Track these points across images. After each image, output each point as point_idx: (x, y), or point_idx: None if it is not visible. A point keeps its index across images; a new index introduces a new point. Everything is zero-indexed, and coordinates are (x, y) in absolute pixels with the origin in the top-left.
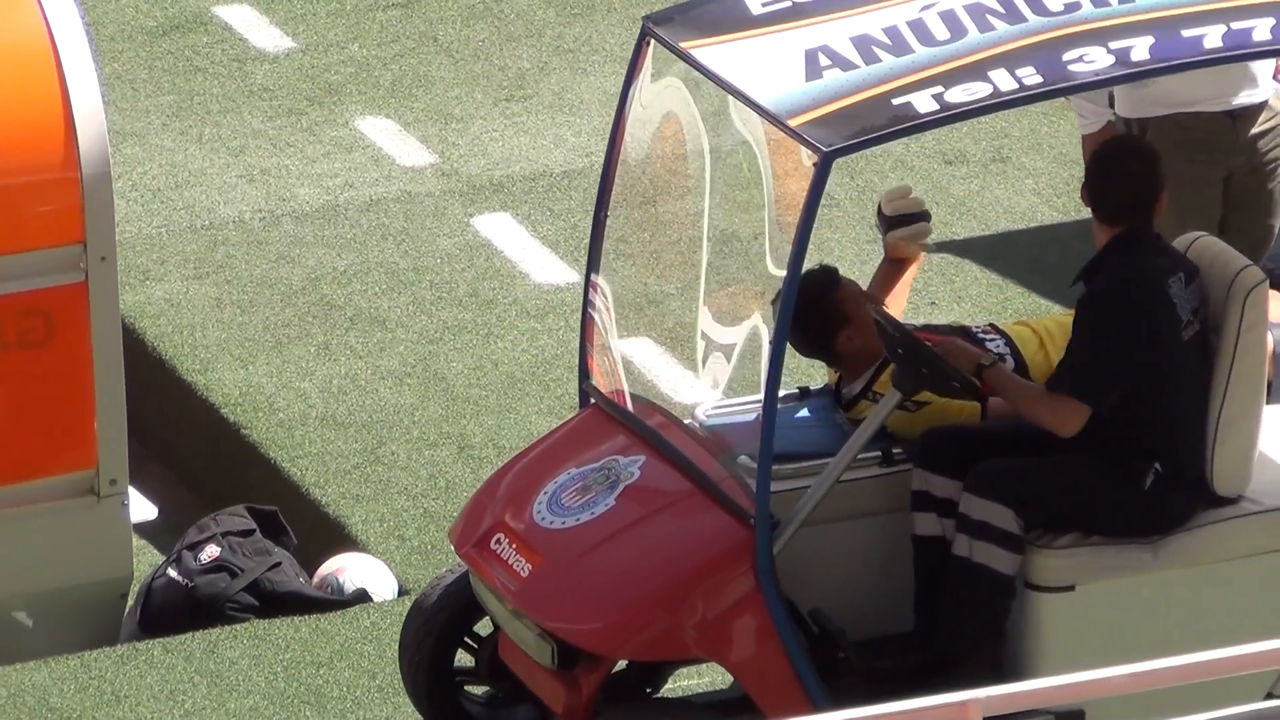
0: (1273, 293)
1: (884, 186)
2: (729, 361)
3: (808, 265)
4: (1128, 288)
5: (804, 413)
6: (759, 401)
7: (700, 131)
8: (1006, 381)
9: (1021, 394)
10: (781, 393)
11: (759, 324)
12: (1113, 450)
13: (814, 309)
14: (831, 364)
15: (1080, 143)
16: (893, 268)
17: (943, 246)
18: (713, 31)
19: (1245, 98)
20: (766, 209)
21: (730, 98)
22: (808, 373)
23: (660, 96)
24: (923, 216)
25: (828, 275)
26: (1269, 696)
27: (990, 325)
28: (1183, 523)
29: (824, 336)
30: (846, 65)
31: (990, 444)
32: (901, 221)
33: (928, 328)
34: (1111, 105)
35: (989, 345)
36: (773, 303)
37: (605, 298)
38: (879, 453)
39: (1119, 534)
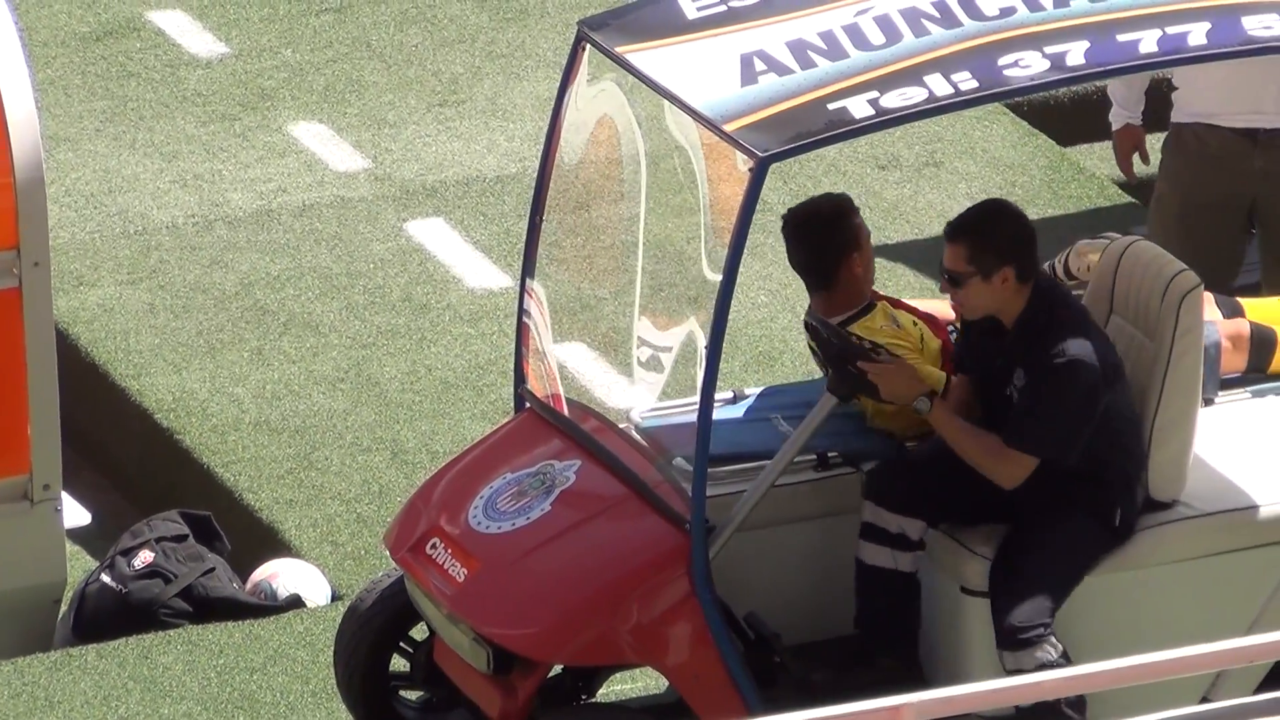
0: (1206, 294)
1: (818, 191)
2: (664, 365)
3: (746, 267)
4: (1086, 354)
5: (739, 415)
6: (694, 405)
7: (635, 136)
8: (946, 423)
9: (967, 439)
10: (717, 396)
11: (694, 328)
12: (1074, 493)
13: (832, 227)
14: (825, 286)
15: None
16: None
17: (877, 250)
18: (648, 36)
19: (1266, 121)
20: (702, 214)
21: (666, 103)
22: (741, 376)
23: (595, 101)
24: None
25: (847, 201)
26: (1203, 701)
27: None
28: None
29: (834, 256)
30: (782, 70)
31: (946, 483)
32: None
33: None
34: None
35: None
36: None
37: (540, 302)
38: (814, 457)
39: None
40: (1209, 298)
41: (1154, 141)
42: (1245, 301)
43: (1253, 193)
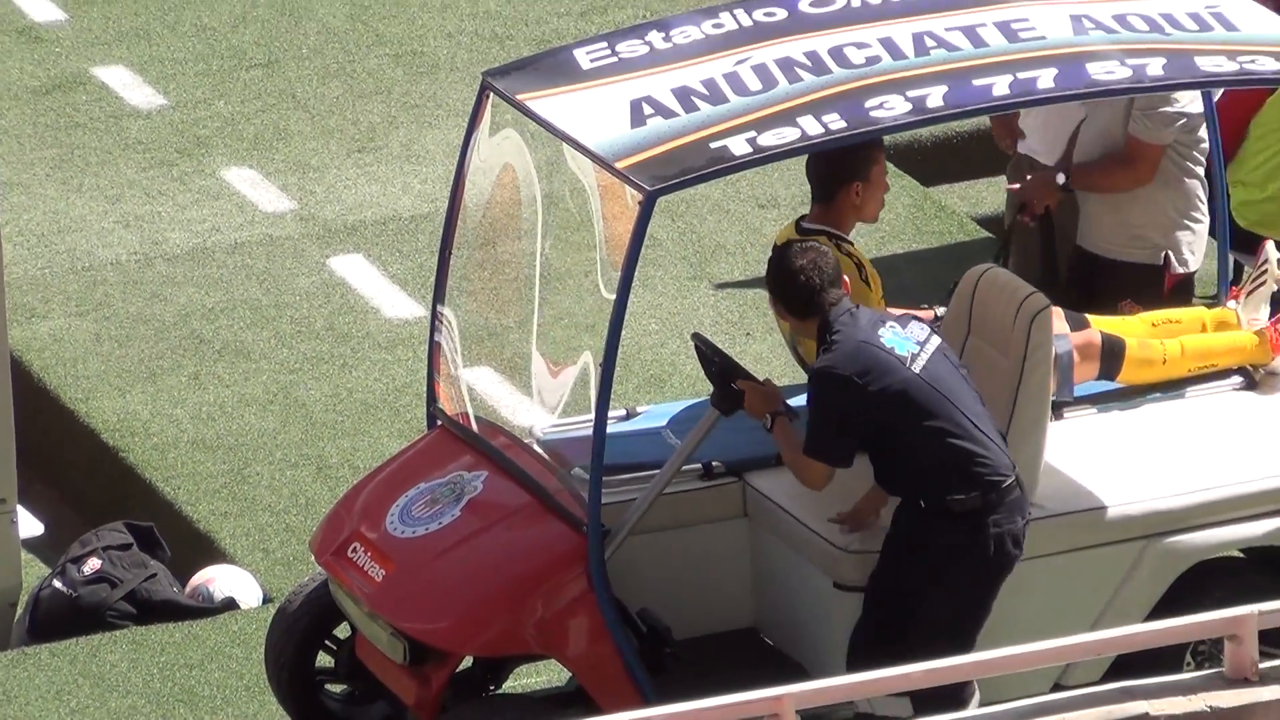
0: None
1: (703, 229)
2: (563, 386)
3: (637, 297)
4: (836, 362)
5: (632, 429)
6: (590, 420)
7: (534, 178)
8: (783, 437)
9: (786, 451)
10: (610, 413)
11: (588, 353)
12: (940, 515)
13: (853, 152)
14: (823, 199)
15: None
16: None
17: (757, 283)
18: (546, 84)
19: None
20: (597, 247)
21: (563, 144)
22: (634, 396)
23: (498, 147)
24: None
25: (877, 142)
26: (1057, 688)
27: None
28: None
29: (840, 177)
30: (668, 114)
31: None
32: None
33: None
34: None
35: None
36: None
37: (450, 330)
38: (700, 467)
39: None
40: (1058, 312)
41: None
42: (1091, 318)
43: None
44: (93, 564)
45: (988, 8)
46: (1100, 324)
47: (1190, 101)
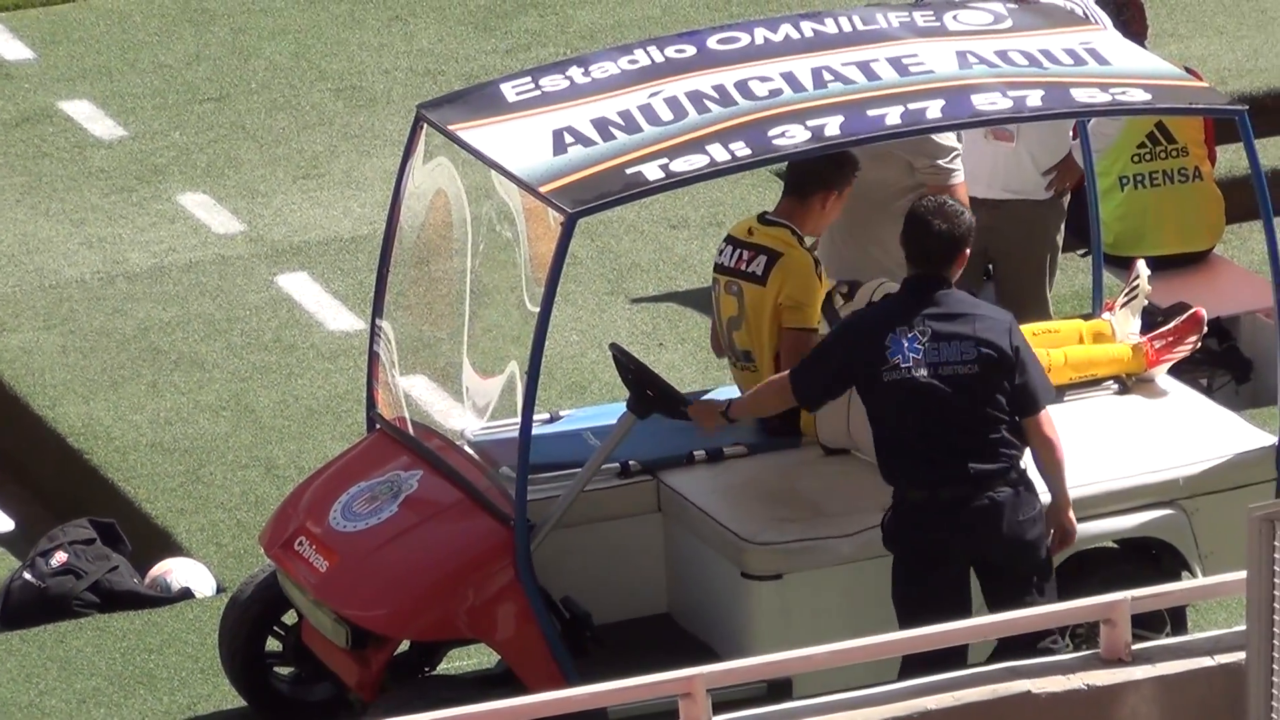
0: None
1: (619, 248)
2: (492, 392)
3: (559, 311)
4: (852, 319)
5: (554, 431)
6: (516, 424)
7: (464, 202)
8: (749, 402)
9: (760, 396)
10: (535, 417)
11: (514, 362)
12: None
13: (837, 163)
14: (796, 194)
15: None
16: None
17: (669, 297)
18: (475, 116)
19: (979, 191)
20: (522, 265)
21: (491, 170)
22: (557, 401)
23: (432, 174)
24: None
25: (855, 161)
26: None
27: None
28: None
29: (824, 180)
30: (587, 142)
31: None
32: None
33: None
34: None
35: None
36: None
37: (388, 341)
38: (618, 466)
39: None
40: None
41: None
42: None
43: (985, 244)
44: (60, 557)
45: (880, 44)
46: None
47: (957, 144)
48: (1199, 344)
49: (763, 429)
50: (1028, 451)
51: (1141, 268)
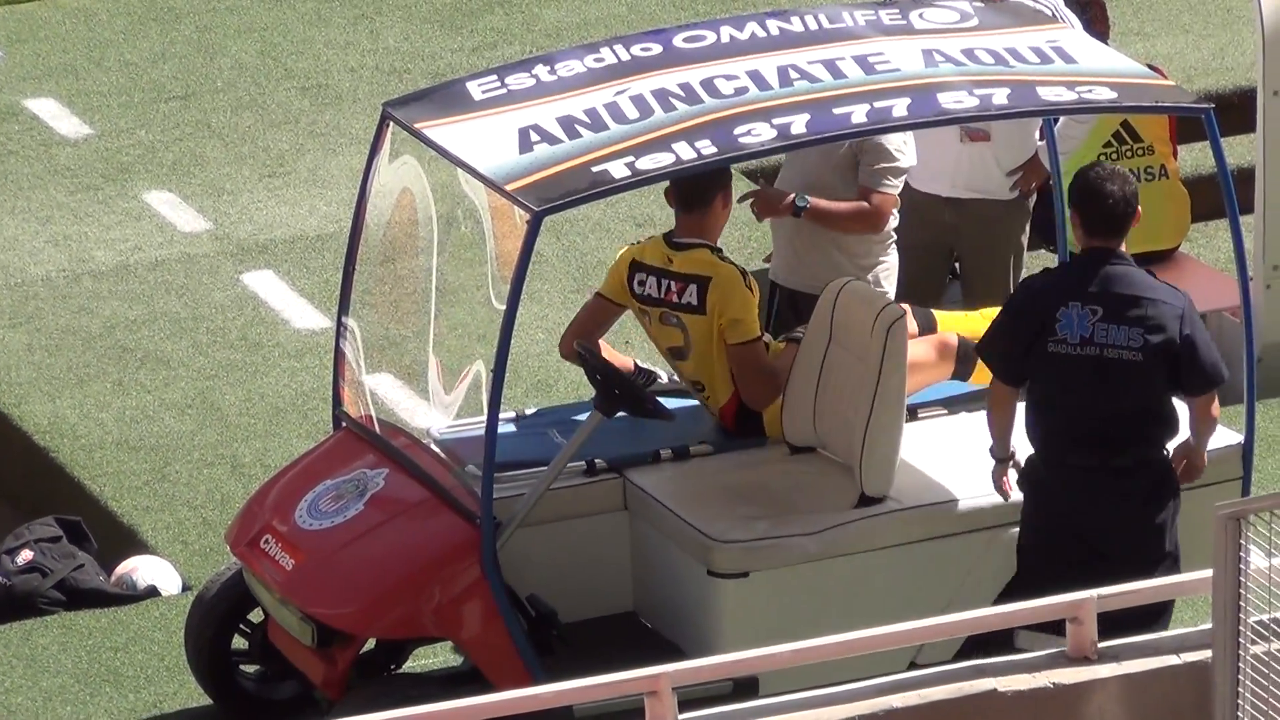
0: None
1: (585, 246)
2: (458, 390)
3: (525, 310)
4: (1031, 283)
5: (521, 430)
6: (483, 422)
7: (430, 200)
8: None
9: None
10: (502, 415)
11: (480, 360)
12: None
13: (716, 171)
14: (698, 210)
15: None
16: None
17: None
18: (442, 114)
19: (944, 190)
20: (488, 263)
21: (457, 169)
22: (523, 400)
23: (398, 171)
24: None
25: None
26: (912, 666)
27: None
28: None
29: (715, 182)
30: (553, 140)
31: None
32: None
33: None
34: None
35: None
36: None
37: (354, 340)
38: (584, 464)
39: None
40: (907, 310)
41: None
42: (939, 314)
43: (950, 243)
44: (25, 555)
45: (846, 43)
46: (945, 320)
47: (909, 155)
48: None
49: (725, 431)
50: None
51: None
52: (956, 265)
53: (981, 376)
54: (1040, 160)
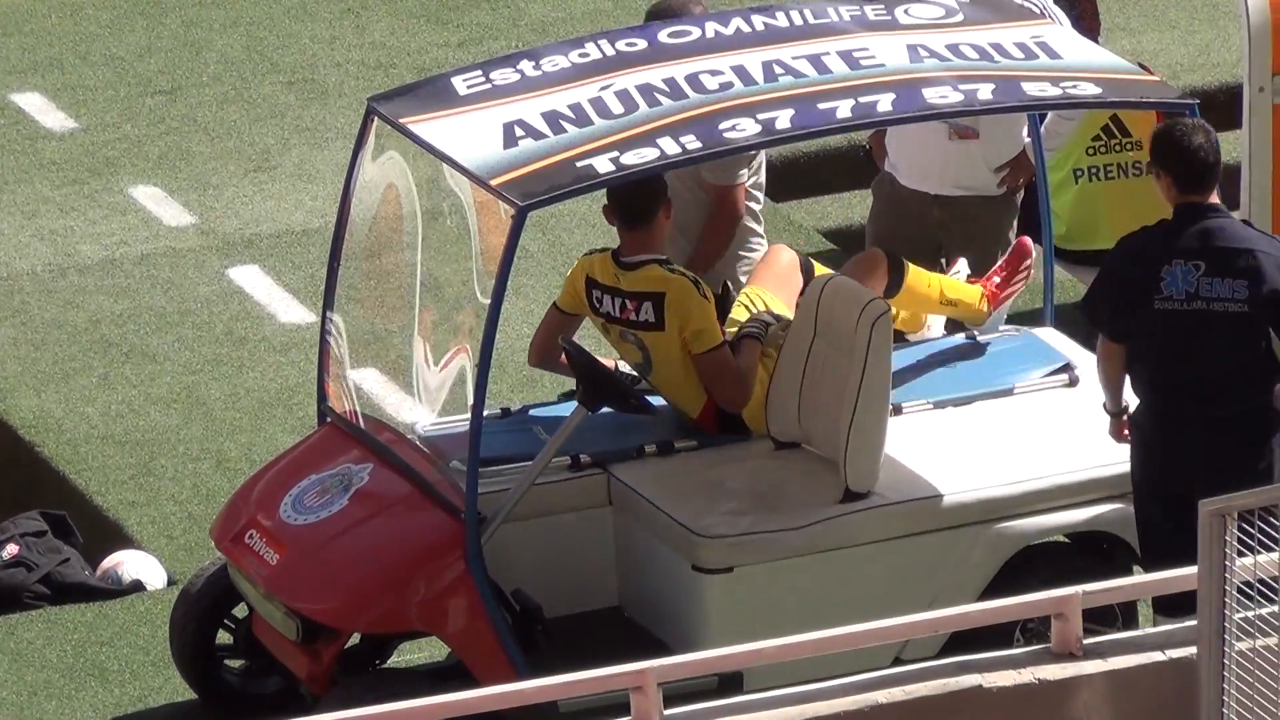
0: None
1: (571, 241)
2: (443, 386)
3: (510, 304)
4: (1128, 243)
5: (507, 424)
6: (467, 418)
7: (415, 195)
8: (1107, 388)
9: (1102, 370)
10: (486, 411)
11: (466, 356)
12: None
13: (653, 181)
14: (643, 224)
15: None
16: None
17: None
18: (426, 109)
19: (931, 187)
20: (473, 258)
21: (442, 164)
22: (508, 395)
23: (383, 167)
24: None
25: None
26: (897, 661)
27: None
28: None
29: (654, 196)
30: (538, 135)
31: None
32: None
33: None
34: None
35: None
36: None
37: (339, 335)
38: (569, 459)
39: None
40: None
41: None
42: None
43: (939, 239)
44: (10, 549)
45: (831, 38)
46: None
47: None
48: (1031, 271)
49: (703, 431)
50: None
51: (962, 265)
52: (944, 260)
53: (906, 298)
54: (1027, 156)
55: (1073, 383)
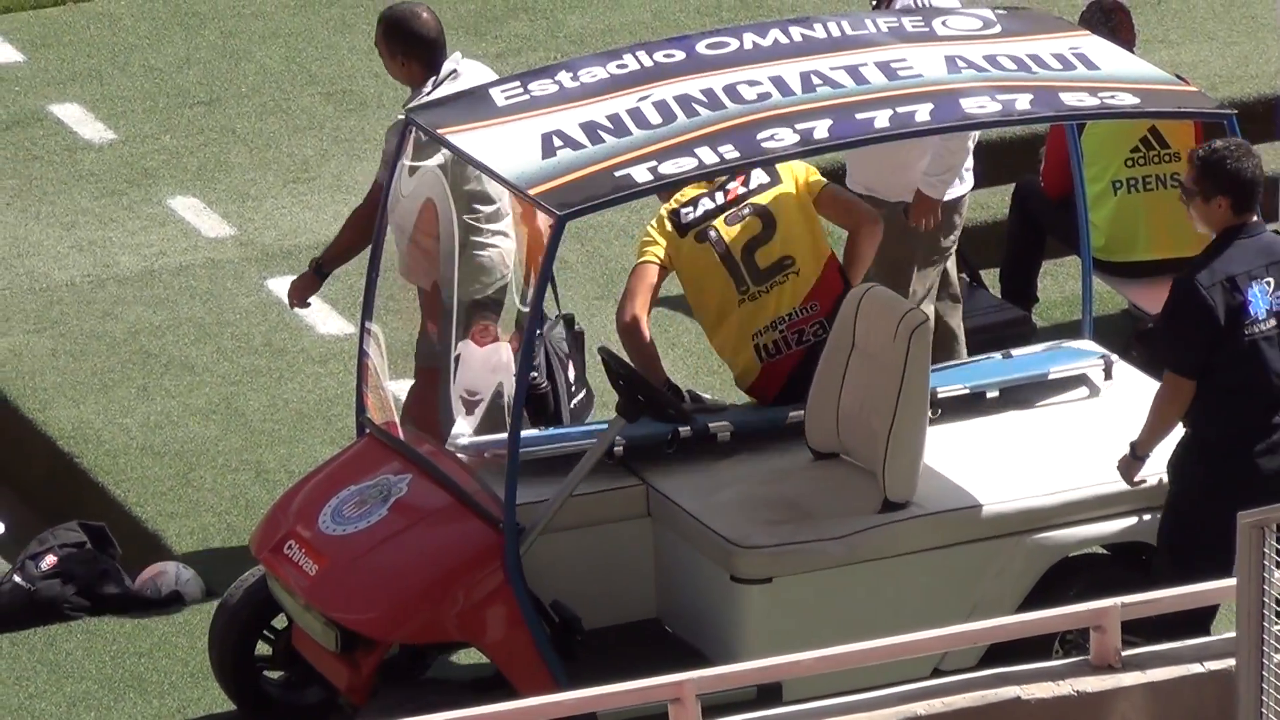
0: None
1: (609, 252)
2: (482, 398)
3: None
4: (1199, 278)
5: (545, 434)
6: (505, 430)
7: (451, 208)
8: (1150, 430)
9: (1156, 415)
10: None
11: (507, 369)
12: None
13: None
14: None
15: None
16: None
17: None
18: (464, 120)
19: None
20: (512, 269)
21: (480, 173)
22: None
23: (420, 180)
24: None
25: None
26: (936, 672)
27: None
28: None
29: None
30: (576, 145)
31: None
32: None
33: None
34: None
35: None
36: None
37: (378, 345)
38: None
39: None
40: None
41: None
42: None
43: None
44: (50, 560)
45: (869, 49)
46: None
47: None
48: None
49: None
50: None
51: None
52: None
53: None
54: (930, 203)
55: (1108, 373)
